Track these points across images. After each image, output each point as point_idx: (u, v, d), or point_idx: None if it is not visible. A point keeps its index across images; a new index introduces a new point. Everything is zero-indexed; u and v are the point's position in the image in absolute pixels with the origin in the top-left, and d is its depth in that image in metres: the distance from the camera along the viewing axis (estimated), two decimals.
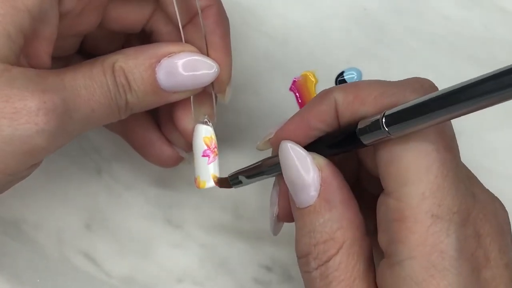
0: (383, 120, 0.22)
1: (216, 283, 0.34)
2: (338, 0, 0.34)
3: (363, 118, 0.23)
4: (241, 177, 0.28)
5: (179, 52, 0.27)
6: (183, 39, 0.28)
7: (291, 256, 0.34)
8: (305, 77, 0.34)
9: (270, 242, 0.34)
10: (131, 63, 0.26)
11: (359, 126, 0.23)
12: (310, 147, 0.25)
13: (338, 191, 0.24)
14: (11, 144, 0.23)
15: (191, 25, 0.28)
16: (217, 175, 0.29)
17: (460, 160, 0.24)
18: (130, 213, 0.34)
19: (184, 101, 0.28)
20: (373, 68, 0.34)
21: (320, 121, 0.24)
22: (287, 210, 0.26)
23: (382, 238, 0.23)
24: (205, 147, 0.28)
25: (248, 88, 0.34)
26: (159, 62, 0.26)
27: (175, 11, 0.27)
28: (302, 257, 0.24)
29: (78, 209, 0.34)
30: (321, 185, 0.24)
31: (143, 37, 0.30)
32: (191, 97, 0.28)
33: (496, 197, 0.25)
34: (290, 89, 0.34)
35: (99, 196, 0.34)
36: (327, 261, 0.23)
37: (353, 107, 0.23)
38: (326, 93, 0.24)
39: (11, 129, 0.22)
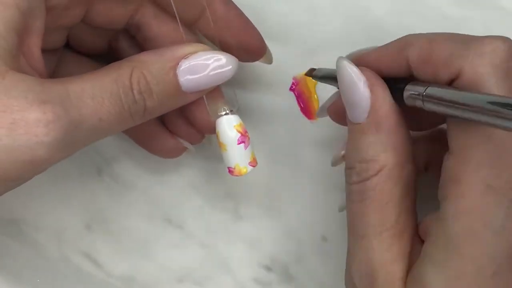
0: (423, 97, 0.23)
1: (216, 283, 0.34)
2: (338, 0, 0.34)
3: (435, 80, 0.23)
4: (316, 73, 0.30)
5: (196, 52, 0.27)
6: (184, 38, 0.28)
7: (291, 256, 0.34)
8: (305, 77, 0.34)
9: (270, 242, 0.34)
10: (152, 68, 0.26)
11: (404, 95, 0.24)
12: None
13: (386, 117, 0.25)
14: (10, 154, 0.22)
15: (202, 21, 0.28)
16: (255, 155, 0.29)
17: None
18: (130, 213, 0.34)
19: (198, 100, 0.29)
20: None
21: (391, 71, 0.25)
22: (339, 109, 0.27)
23: (439, 192, 0.23)
24: (239, 135, 0.29)
25: (248, 88, 0.34)
26: (178, 64, 0.26)
27: (174, 11, 0.27)
28: (347, 169, 0.26)
29: (78, 209, 0.34)
30: (370, 107, 0.25)
31: (131, 32, 0.30)
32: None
33: None
34: (290, 89, 0.34)
35: (99, 196, 0.34)
36: (367, 179, 0.25)
37: (425, 69, 0.24)
38: (401, 47, 0.25)
39: (9, 139, 0.22)
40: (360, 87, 0.25)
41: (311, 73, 0.31)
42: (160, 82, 0.26)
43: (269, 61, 0.31)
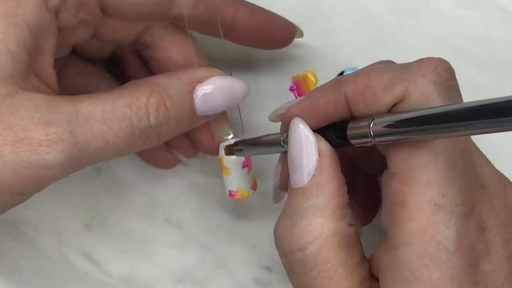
0: (371, 128, 0.22)
1: (216, 283, 0.34)
2: (338, 0, 0.34)
3: (376, 109, 0.22)
4: (242, 146, 0.28)
5: (210, 77, 0.27)
6: (196, 62, 0.29)
7: None
8: (305, 77, 0.33)
9: (270, 242, 0.33)
10: (171, 92, 0.26)
11: (348, 132, 0.23)
12: (319, 130, 0.25)
13: (330, 181, 0.24)
14: (14, 169, 0.22)
15: (234, 33, 0.29)
16: (256, 179, 0.30)
17: (474, 145, 0.23)
18: (130, 213, 0.34)
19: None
20: None
21: (328, 113, 0.24)
22: (287, 183, 0.26)
23: (384, 218, 0.23)
24: (243, 159, 0.29)
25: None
26: (194, 88, 0.26)
27: (188, 33, 0.28)
28: (277, 239, 0.24)
29: (78, 209, 0.34)
30: (316, 170, 0.24)
31: (137, 47, 0.30)
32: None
33: (510, 183, 0.24)
34: (290, 89, 0.34)
35: (99, 196, 0.34)
36: (304, 249, 0.23)
37: (364, 98, 0.23)
38: (336, 84, 0.24)
39: (13, 155, 0.22)
40: (311, 149, 0.24)
41: (231, 150, 0.29)
42: (177, 107, 0.26)
43: (301, 35, 0.32)
